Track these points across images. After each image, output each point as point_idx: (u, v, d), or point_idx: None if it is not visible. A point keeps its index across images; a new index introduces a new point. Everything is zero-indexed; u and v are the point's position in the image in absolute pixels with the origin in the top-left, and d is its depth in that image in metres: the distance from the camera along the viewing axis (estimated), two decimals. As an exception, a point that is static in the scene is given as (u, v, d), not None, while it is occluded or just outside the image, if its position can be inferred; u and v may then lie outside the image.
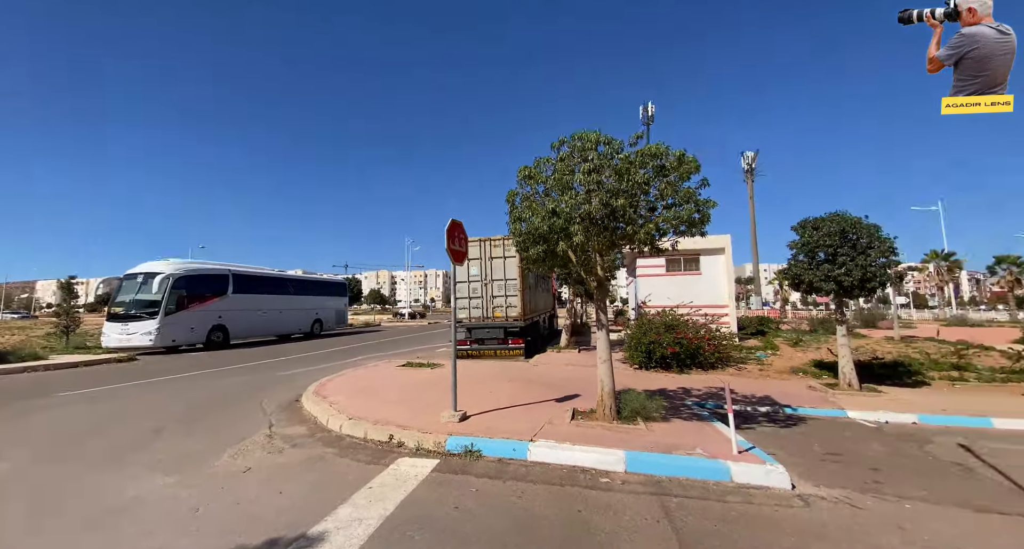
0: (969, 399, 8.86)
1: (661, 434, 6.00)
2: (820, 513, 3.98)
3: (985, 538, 3.59)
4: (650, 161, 5.86)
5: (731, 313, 17.61)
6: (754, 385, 10.43)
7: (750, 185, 40.24)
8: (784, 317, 32.35)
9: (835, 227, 9.72)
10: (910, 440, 6.42)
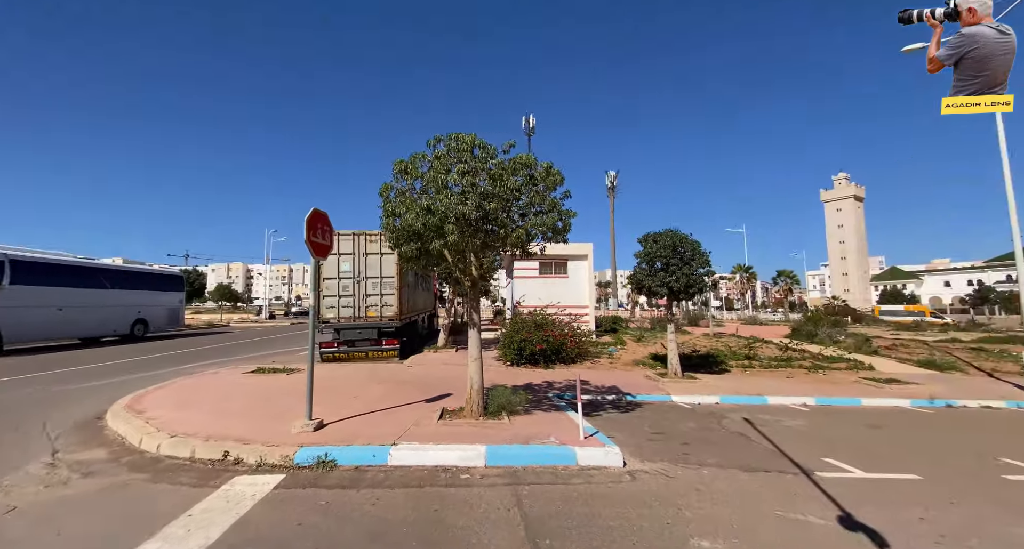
0: (755, 382, 11.33)
1: (522, 426, 6.38)
2: (643, 485, 4.68)
3: (750, 490, 4.63)
4: (522, 169, 6.20)
5: (591, 313, 19.61)
6: (604, 376, 11.77)
7: (611, 200, 45.37)
8: (633, 317, 37.24)
9: (669, 241, 11.55)
10: (712, 417, 7.95)
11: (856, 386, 10.78)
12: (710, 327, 24.13)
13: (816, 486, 4.73)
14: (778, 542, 3.53)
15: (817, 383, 11.19)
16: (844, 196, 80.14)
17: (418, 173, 6.19)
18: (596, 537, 3.55)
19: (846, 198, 79.87)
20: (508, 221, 6.45)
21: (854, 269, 79.26)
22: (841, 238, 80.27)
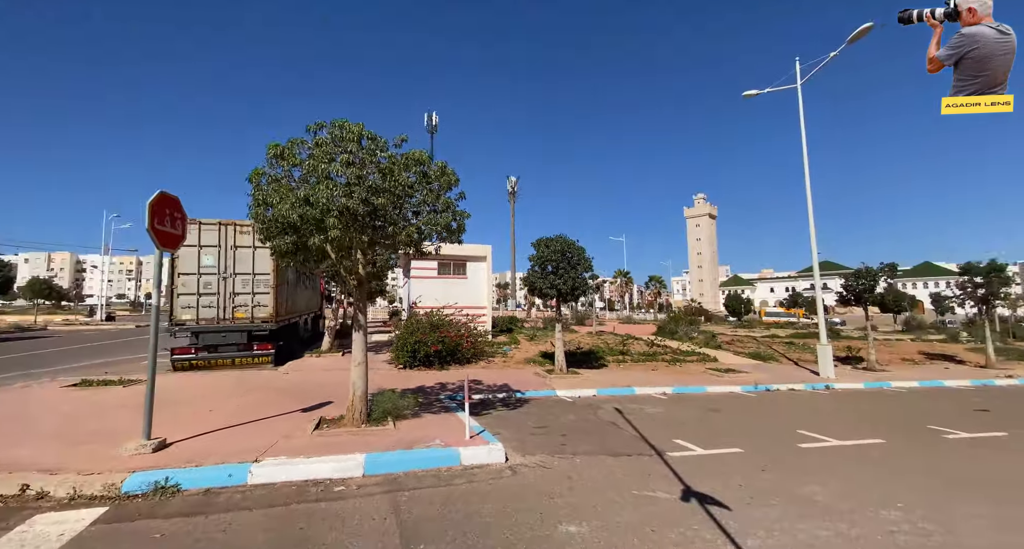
0: (627, 375, 12.62)
1: (408, 431, 6.21)
2: (522, 478, 4.90)
3: (614, 474, 5.14)
4: (414, 166, 6.05)
5: (488, 314, 19.96)
6: (497, 375, 12.07)
7: (512, 204, 46.78)
8: (529, 317, 38.84)
9: (559, 246, 12.32)
10: (589, 409, 8.65)
11: (704, 376, 12.67)
12: (593, 326, 26.29)
13: (667, 465, 5.44)
14: (633, 520, 3.97)
15: (675, 374, 12.88)
16: (701, 213, 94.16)
17: (296, 160, 5.66)
18: (472, 535, 3.61)
19: (703, 216, 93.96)
20: (399, 218, 6.25)
21: (708, 276, 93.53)
22: (699, 249, 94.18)
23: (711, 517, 4.02)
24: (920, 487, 4.82)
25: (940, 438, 6.84)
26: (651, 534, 3.69)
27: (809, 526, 3.86)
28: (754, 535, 3.70)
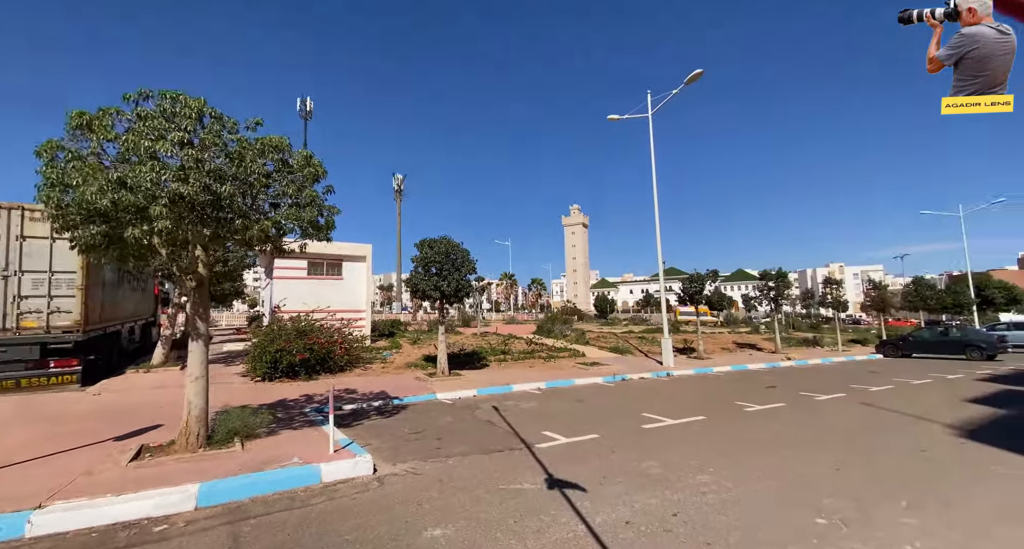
0: (506, 373, 13.10)
1: (260, 451, 5.52)
2: (390, 488, 4.72)
3: (485, 471, 5.28)
4: (272, 153, 5.41)
5: (367, 317, 18.86)
6: (375, 382, 11.48)
7: (398, 203, 45.12)
8: (415, 320, 37.85)
9: (443, 248, 12.25)
10: (468, 409, 8.76)
11: (573, 370, 13.81)
12: (478, 327, 26.73)
13: (534, 456, 5.78)
14: (498, 514, 4.12)
15: (549, 370, 13.80)
16: (576, 222, 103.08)
17: (110, 134, 4.62)
18: (327, 556, 3.35)
19: (577, 224, 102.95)
20: (251, 210, 5.53)
21: (581, 279, 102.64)
22: (574, 255, 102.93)
23: (568, 501, 4.38)
24: (726, 452, 5.94)
25: (742, 411, 8.54)
26: (514, 526, 3.87)
27: (644, 496, 4.46)
28: (601, 511, 4.14)
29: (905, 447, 6.19)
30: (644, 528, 3.81)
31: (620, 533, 3.73)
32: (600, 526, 3.85)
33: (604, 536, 3.68)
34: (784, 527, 3.83)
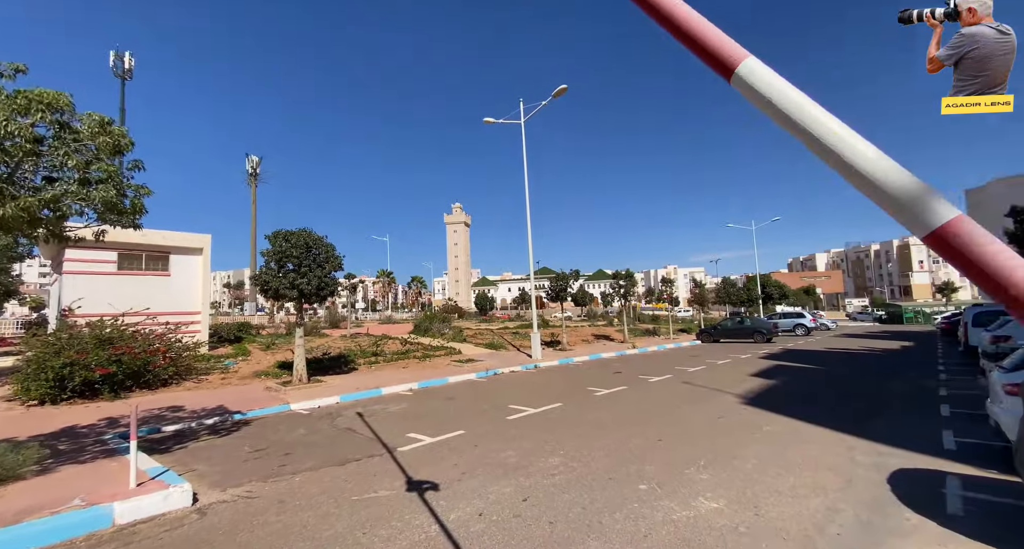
0: (377, 376, 12.44)
1: (25, 495, 4.25)
2: (213, 519, 4.06)
3: (337, 484, 4.91)
4: (45, 112, 4.19)
5: (204, 320, 16.07)
6: (211, 396, 9.82)
7: (253, 189, 39.48)
8: (272, 323, 33.57)
9: (302, 241, 11.07)
10: (327, 418, 8.06)
11: (448, 368, 13.80)
12: (348, 328, 24.89)
13: (395, 461, 5.57)
14: (347, 527, 3.85)
15: (423, 369, 13.54)
16: (458, 221, 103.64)
17: None
18: (112, 617, 2.72)
19: (459, 223, 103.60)
20: (6, 184, 4.20)
21: (463, 277, 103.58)
22: (456, 253, 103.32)
23: (424, 502, 4.32)
24: (575, 435, 6.55)
25: (593, 396, 9.54)
26: (362, 538, 3.66)
27: (499, 486, 4.65)
28: (457, 507, 4.18)
29: (709, 416, 7.61)
30: (495, 517, 3.96)
31: (472, 526, 3.81)
32: (453, 522, 3.88)
33: (456, 532, 3.71)
34: (615, 496, 4.35)
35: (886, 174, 0.59)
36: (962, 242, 0.54)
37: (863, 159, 0.61)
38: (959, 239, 0.54)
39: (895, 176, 0.58)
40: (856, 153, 0.62)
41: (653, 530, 3.69)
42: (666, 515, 3.95)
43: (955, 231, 0.54)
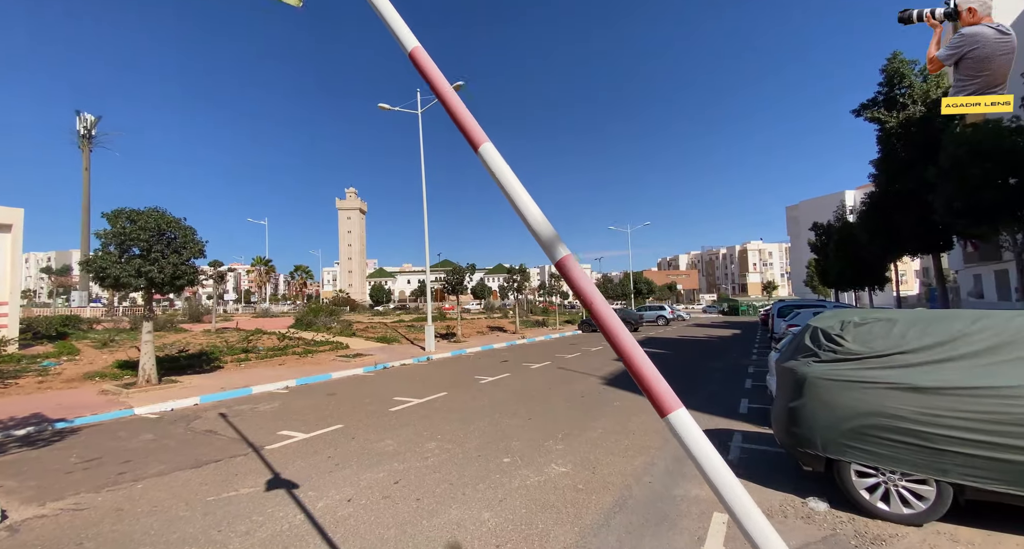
0: (246, 374, 11.40)
1: None
2: (28, 535, 3.57)
3: (190, 487, 4.60)
4: None
5: (12, 312, 13.02)
6: (23, 403, 8.16)
7: (86, 154, 32.42)
8: (112, 315, 28.20)
9: (153, 223, 9.62)
10: (182, 421, 7.29)
11: (332, 363, 13.21)
12: (213, 323, 22.04)
13: (261, 459, 5.37)
14: (200, 528, 3.70)
15: (303, 365, 12.78)
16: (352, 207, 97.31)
17: None
18: None
19: (354, 209, 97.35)
20: None
21: (356, 267, 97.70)
22: (349, 242, 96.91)
23: (291, 495, 4.31)
24: (455, 420, 6.97)
25: (478, 383, 10.10)
26: (216, 536, 3.57)
27: (372, 473, 4.83)
28: (326, 496, 4.26)
29: (574, 395, 8.64)
30: (364, 501, 4.15)
31: (340, 511, 3.96)
32: (320, 510, 3.98)
33: (322, 518, 3.83)
34: (481, 471, 4.84)
35: (541, 225, 1.02)
36: (569, 269, 0.99)
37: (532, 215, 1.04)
38: (567, 267, 0.99)
39: (545, 228, 1.02)
40: (529, 211, 1.04)
41: (509, 495, 4.24)
42: (522, 481, 4.55)
43: (566, 262, 0.99)
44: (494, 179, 1.07)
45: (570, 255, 1.00)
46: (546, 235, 1.01)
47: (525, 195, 1.04)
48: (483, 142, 1.10)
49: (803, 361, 4.27)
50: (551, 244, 1.00)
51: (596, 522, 3.71)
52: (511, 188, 1.05)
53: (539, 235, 1.01)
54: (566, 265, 0.99)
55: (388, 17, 1.27)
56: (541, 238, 1.01)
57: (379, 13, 1.28)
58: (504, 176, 1.06)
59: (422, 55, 1.20)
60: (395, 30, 1.27)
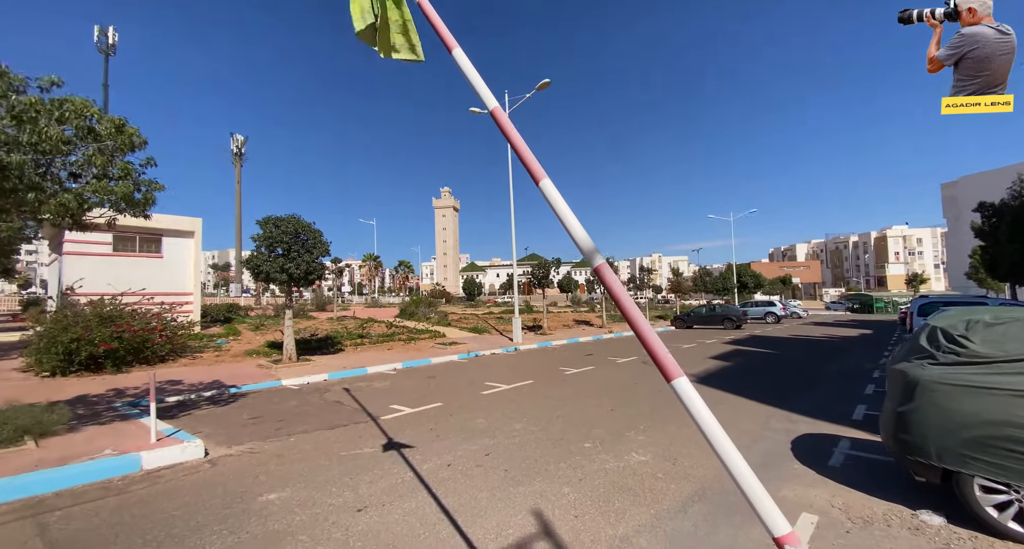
0: (362, 356, 13.21)
1: (60, 448, 4.97)
2: (223, 468, 4.84)
3: (327, 443, 5.70)
4: (73, 118, 4.76)
5: (196, 301, 16.58)
6: (206, 372, 10.51)
7: (238, 169, 39.24)
8: (259, 304, 33.93)
9: (291, 227, 11.63)
10: (316, 393, 8.83)
11: (431, 350, 14.61)
12: (335, 311, 25.48)
13: (378, 426, 6.39)
14: (336, 475, 4.66)
15: (408, 351, 14.34)
16: (447, 205, 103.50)
17: None
18: (153, 529, 3.50)
19: (448, 207, 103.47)
20: (44, 182, 4.79)
21: (451, 262, 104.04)
22: (444, 238, 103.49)
23: (402, 456, 5.15)
24: (540, 406, 7.44)
25: (563, 374, 10.47)
26: (348, 482, 4.47)
27: (467, 445, 5.50)
28: (429, 460, 5.01)
29: (659, 390, 8.56)
30: (460, 467, 4.81)
31: (440, 473, 4.65)
32: (425, 471, 4.72)
33: (427, 477, 4.55)
34: (563, 452, 5.23)
35: (584, 240, 1.36)
36: (603, 273, 1.31)
37: (577, 233, 1.38)
38: (602, 272, 1.31)
39: (586, 242, 1.35)
40: (575, 231, 1.39)
41: (588, 476, 4.57)
42: (601, 465, 4.84)
43: (601, 269, 1.32)
44: (550, 207, 1.44)
45: (604, 263, 1.33)
46: (587, 248, 1.35)
47: (573, 219, 1.39)
48: (542, 178, 1.47)
49: (917, 363, 3.92)
50: (591, 254, 1.34)
51: (673, 507, 3.88)
52: (562, 213, 1.40)
53: (582, 247, 1.36)
54: (601, 271, 1.32)
55: (472, 79, 1.69)
56: (583, 249, 1.36)
57: (465, 76, 1.71)
58: (558, 204, 1.42)
59: (500, 114, 1.60)
60: (478, 90, 1.69)
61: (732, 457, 1.12)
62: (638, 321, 1.23)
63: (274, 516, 3.73)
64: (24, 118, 4.31)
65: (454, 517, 3.71)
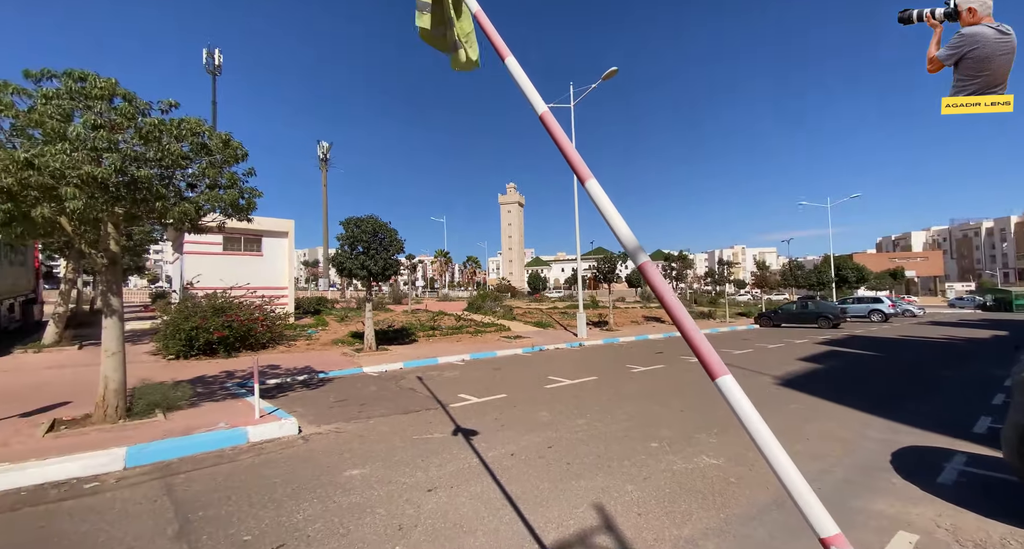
0: (434, 347, 13.90)
1: (183, 420, 5.88)
2: (314, 444, 5.41)
3: (402, 426, 6.12)
4: (190, 136, 5.56)
5: (290, 294, 18.49)
6: (299, 358, 11.72)
7: (324, 173, 42.83)
8: (344, 297, 36.97)
9: (370, 227, 12.53)
10: (393, 380, 9.49)
11: (497, 343, 14.97)
12: (409, 305, 27.03)
13: (447, 413, 6.73)
14: (410, 456, 5.00)
15: (475, 343, 14.83)
16: (512, 201, 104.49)
17: (10, 110, 4.56)
18: (257, 493, 4.03)
19: (513, 203, 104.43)
20: (168, 192, 5.66)
21: (516, 257, 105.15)
22: (509, 233, 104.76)
23: (469, 443, 5.38)
24: (604, 402, 7.33)
25: (629, 372, 10.18)
26: (420, 463, 4.78)
27: (530, 436, 5.60)
28: (494, 448, 5.19)
29: (737, 393, 8.00)
30: (524, 457, 4.92)
31: (504, 462, 4.80)
32: (491, 458, 4.89)
33: (492, 465, 4.72)
34: (627, 450, 5.13)
35: (628, 237, 1.34)
36: (647, 271, 1.28)
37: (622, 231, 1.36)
38: (645, 270, 1.28)
39: (630, 239, 1.33)
40: (620, 229, 1.37)
41: (653, 475, 4.45)
42: (668, 466, 4.68)
43: (645, 266, 1.29)
44: (595, 206, 1.43)
45: (648, 261, 1.30)
46: (631, 245, 1.33)
47: (618, 217, 1.37)
48: (588, 179, 1.47)
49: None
50: (634, 252, 1.32)
51: (746, 514, 3.65)
52: (607, 211, 1.39)
53: (626, 245, 1.34)
54: (645, 268, 1.29)
55: (523, 86, 1.73)
56: (627, 247, 1.34)
57: (516, 83, 1.75)
58: (602, 202, 1.41)
59: (549, 118, 1.62)
60: (528, 96, 1.72)
61: (774, 452, 1.07)
62: (681, 317, 1.20)
63: (356, 490, 4.11)
64: (150, 137, 5.12)
65: (517, 504, 3.82)
